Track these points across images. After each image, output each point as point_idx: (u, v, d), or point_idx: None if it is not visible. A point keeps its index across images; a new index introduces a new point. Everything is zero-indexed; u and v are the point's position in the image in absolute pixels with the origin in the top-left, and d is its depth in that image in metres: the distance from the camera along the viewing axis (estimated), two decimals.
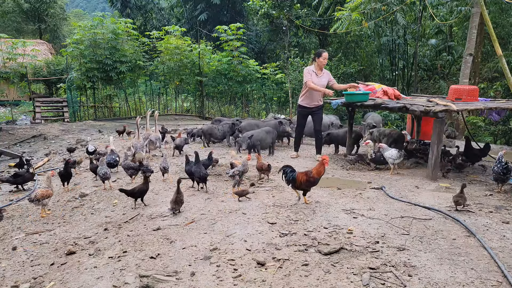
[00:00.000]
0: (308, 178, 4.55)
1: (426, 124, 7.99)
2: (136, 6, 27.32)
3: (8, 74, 14.33)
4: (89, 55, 13.98)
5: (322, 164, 4.57)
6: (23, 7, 30.63)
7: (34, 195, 4.61)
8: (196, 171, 5.11)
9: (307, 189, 4.69)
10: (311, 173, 4.56)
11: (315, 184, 4.65)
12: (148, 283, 2.84)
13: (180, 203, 4.29)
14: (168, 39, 15.42)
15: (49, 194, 4.69)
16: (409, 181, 5.69)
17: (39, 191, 4.67)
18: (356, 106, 7.61)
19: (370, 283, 2.81)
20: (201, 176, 5.06)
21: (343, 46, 18.07)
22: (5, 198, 5.71)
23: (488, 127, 12.23)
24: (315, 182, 4.61)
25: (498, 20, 13.78)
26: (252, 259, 3.20)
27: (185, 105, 17.88)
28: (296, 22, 17.25)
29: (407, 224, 3.96)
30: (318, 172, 4.57)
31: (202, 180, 5.09)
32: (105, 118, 15.46)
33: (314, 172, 4.57)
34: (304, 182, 4.57)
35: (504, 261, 3.15)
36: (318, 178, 4.60)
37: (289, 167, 4.74)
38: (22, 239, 3.95)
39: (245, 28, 16.06)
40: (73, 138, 10.68)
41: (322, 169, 4.58)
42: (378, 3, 13.32)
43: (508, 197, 4.98)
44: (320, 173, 4.57)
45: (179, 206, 4.30)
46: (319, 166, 4.59)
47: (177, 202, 4.27)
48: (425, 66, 17.35)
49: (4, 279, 3.18)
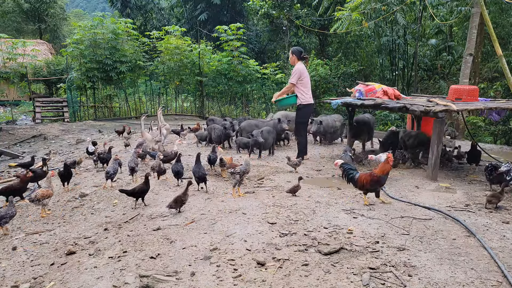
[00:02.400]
0: (372, 178, 4.52)
1: (426, 124, 7.98)
2: (136, 6, 27.34)
3: (8, 74, 14.32)
4: (89, 55, 13.98)
5: (388, 162, 4.55)
6: (23, 7, 30.65)
7: (35, 195, 4.61)
8: (195, 171, 5.11)
9: (372, 189, 4.65)
10: (375, 173, 4.54)
11: (382, 184, 4.62)
12: (148, 283, 2.85)
13: (180, 203, 4.30)
14: (168, 39, 15.42)
15: (49, 194, 4.69)
16: (409, 181, 5.69)
17: (40, 191, 4.67)
18: (356, 106, 7.60)
19: (370, 283, 2.81)
20: (200, 176, 5.06)
21: (343, 46, 18.09)
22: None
23: (488, 127, 12.23)
24: (381, 181, 4.55)
25: (498, 20, 13.79)
26: (252, 259, 3.20)
27: (185, 105, 17.88)
28: (296, 22, 17.28)
29: (407, 224, 3.96)
30: (383, 170, 4.53)
31: (201, 180, 5.10)
32: (105, 118, 15.47)
33: (378, 171, 4.55)
34: (368, 183, 4.55)
35: (504, 261, 3.15)
36: (384, 177, 4.55)
37: (349, 165, 4.77)
38: (22, 239, 3.95)
39: (245, 28, 16.06)
40: (73, 138, 10.68)
41: (388, 167, 4.56)
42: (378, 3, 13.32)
43: (508, 197, 4.98)
44: (385, 171, 4.53)
45: (178, 206, 4.30)
46: (385, 164, 4.56)
47: (176, 201, 4.27)
48: (425, 66, 17.36)
49: (4, 279, 3.18)
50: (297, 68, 6.85)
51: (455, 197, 4.98)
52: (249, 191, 5.16)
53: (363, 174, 4.64)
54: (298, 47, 7.36)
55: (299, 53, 7.00)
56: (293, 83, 6.86)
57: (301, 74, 6.84)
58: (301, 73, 6.84)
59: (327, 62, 16.94)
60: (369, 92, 7.44)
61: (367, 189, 4.63)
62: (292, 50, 7.07)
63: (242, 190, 5.23)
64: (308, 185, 5.51)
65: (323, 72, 15.92)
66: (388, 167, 4.57)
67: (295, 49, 7.12)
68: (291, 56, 7.03)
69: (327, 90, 16.19)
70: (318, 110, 15.73)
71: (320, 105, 15.75)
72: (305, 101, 6.91)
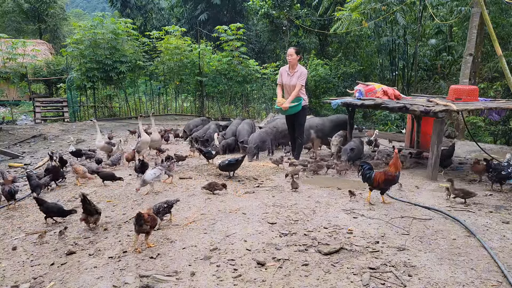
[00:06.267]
0: (386, 176, 4.52)
1: (426, 124, 7.99)
2: (136, 6, 27.36)
3: (8, 74, 14.30)
4: (89, 55, 13.96)
5: (397, 157, 4.54)
6: (23, 7, 30.61)
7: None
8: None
9: (386, 188, 4.67)
10: (389, 171, 4.54)
11: (395, 182, 4.63)
12: (148, 283, 2.85)
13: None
14: (168, 39, 15.42)
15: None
16: (409, 181, 5.69)
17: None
18: (356, 106, 7.60)
19: (370, 283, 2.81)
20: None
21: (343, 46, 18.09)
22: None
23: (488, 127, 12.24)
24: (395, 179, 4.56)
25: (498, 20, 13.79)
26: (252, 259, 3.20)
27: (185, 105, 17.88)
28: (296, 22, 17.27)
29: (407, 224, 3.96)
30: (396, 167, 4.53)
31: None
32: (105, 118, 15.46)
33: (391, 169, 4.54)
34: (383, 182, 4.54)
35: (504, 261, 3.15)
36: (397, 174, 4.54)
37: (368, 164, 4.77)
38: (22, 239, 3.95)
39: (245, 28, 16.04)
40: (73, 138, 10.67)
41: (399, 162, 4.54)
42: (378, 3, 13.34)
43: (508, 197, 4.98)
44: (397, 167, 4.53)
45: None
46: (395, 160, 4.55)
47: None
48: (425, 66, 17.37)
49: (4, 279, 3.17)
50: (304, 70, 6.68)
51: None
52: (249, 191, 5.16)
53: (378, 173, 4.63)
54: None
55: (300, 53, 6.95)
56: (303, 84, 6.64)
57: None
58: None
59: (327, 62, 16.95)
60: (369, 92, 7.44)
61: (382, 189, 4.64)
62: (296, 50, 6.68)
63: (242, 190, 5.24)
64: (308, 185, 5.51)
65: (323, 72, 15.93)
66: (398, 162, 4.55)
67: (299, 49, 6.97)
68: (296, 56, 6.60)
69: (327, 90, 16.20)
70: (318, 110, 15.75)
71: (320, 105, 15.76)
72: (305, 102, 6.89)
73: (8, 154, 8.50)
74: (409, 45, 17.00)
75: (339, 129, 7.81)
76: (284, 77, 6.77)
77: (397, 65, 17.22)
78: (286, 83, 6.76)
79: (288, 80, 6.70)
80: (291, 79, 6.65)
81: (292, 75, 6.62)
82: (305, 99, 6.76)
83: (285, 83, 6.77)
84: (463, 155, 8.26)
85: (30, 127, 12.39)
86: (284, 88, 6.88)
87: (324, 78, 15.92)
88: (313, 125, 8.03)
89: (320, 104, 15.66)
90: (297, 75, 6.57)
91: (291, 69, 6.67)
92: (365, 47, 18.23)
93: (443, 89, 14.88)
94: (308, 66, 16.16)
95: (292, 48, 6.71)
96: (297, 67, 6.64)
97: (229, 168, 5.83)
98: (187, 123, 10.16)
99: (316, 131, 8.00)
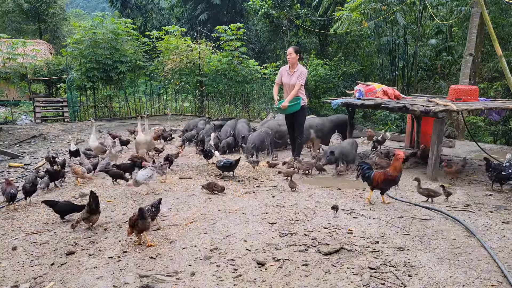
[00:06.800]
0: (386, 176, 4.52)
1: (426, 124, 7.99)
2: (136, 6, 27.34)
3: (8, 74, 14.30)
4: (89, 55, 13.96)
5: (397, 159, 4.54)
6: (23, 7, 30.59)
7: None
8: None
9: (386, 189, 4.68)
10: (389, 172, 4.54)
11: (396, 183, 4.62)
12: (148, 283, 2.85)
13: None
14: (168, 39, 15.42)
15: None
16: (409, 181, 5.69)
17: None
18: (356, 106, 7.60)
19: (370, 283, 2.81)
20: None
21: (343, 46, 18.09)
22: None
23: (488, 127, 12.24)
24: (395, 180, 4.55)
25: (498, 20, 13.80)
26: (252, 259, 3.20)
27: (185, 105, 17.88)
28: (296, 22, 17.27)
29: (407, 224, 3.96)
30: (395, 168, 4.53)
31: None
32: (105, 118, 15.46)
33: (391, 170, 4.54)
34: (382, 182, 4.55)
35: (504, 261, 3.15)
36: (398, 175, 4.54)
37: (366, 164, 4.78)
38: (22, 239, 3.94)
39: (245, 28, 16.03)
40: (71, 137, 10.66)
41: (399, 164, 4.54)
42: (378, 3, 13.34)
43: (508, 197, 4.98)
44: (397, 169, 4.52)
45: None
46: (394, 161, 4.56)
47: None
48: (425, 66, 17.36)
49: (4, 279, 3.17)
50: (303, 70, 6.65)
51: (455, 197, 4.98)
52: (249, 191, 5.16)
53: (378, 173, 4.63)
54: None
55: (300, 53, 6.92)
56: (302, 84, 6.62)
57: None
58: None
59: (327, 62, 16.94)
60: (369, 92, 7.45)
61: (381, 188, 4.65)
62: (296, 50, 6.63)
63: (242, 190, 5.24)
64: (308, 185, 5.51)
65: (323, 72, 15.91)
66: (399, 164, 4.55)
67: (298, 49, 6.92)
68: (295, 55, 6.55)
69: (327, 90, 16.19)
70: (318, 110, 15.74)
71: (320, 105, 15.75)
72: (305, 102, 6.86)
73: (8, 154, 8.50)
74: (409, 45, 16.99)
75: (339, 129, 7.81)
76: (284, 76, 6.78)
77: (397, 65, 17.21)
78: (285, 82, 6.76)
79: (288, 79, 6.71)
80: (290, 78, 6.65)
81: (292, 75, 6.62)
82: (304, 99, 6.75)
83: (285, 82, 6.77)
84: (463, 155, 8.25)
85: (30, 127, 12.39)
86: (284, 87, 6.89)
87: (324, 78, 15.90)
88: (313, 125, 8.04)
89: (320, 104, 15.64)
90: (297, 75, 6.57)
91: (291, 69, 6.67)
92: (365, 47, 18.22)
93: (443, 89, 14.88)
94: (308, 66, 16.15)
95: (292, 48, 6.69)
96: (297, 66, 6.62)
97: (224, 170, 5.87)
98: (187, 123, 10.18)
99: (316, 131, 8.00)
